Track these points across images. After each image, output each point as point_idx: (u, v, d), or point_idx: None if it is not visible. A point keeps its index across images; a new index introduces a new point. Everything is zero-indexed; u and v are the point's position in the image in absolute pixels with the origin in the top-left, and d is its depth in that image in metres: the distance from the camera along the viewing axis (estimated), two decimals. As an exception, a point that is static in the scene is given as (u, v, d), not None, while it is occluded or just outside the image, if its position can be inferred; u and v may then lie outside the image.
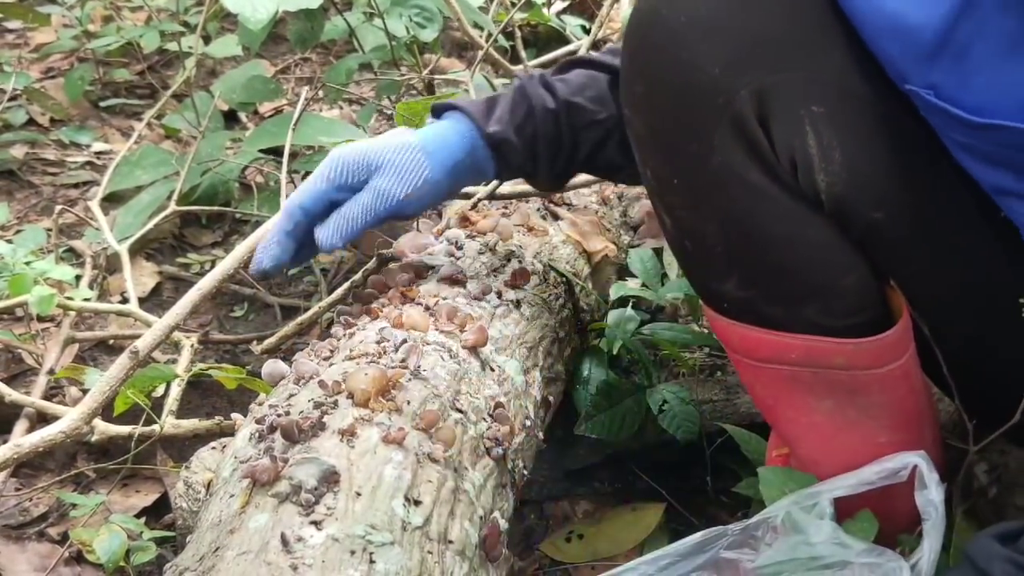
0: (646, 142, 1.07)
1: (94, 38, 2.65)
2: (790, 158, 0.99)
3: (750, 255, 1.04)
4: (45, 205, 2.26)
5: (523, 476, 1.16)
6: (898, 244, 1.03)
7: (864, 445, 1.10)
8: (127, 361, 1.32)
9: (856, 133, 0.98)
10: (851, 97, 0.98)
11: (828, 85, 0.97)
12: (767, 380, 1.12)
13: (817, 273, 1.04)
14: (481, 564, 0.97)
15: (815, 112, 0.97)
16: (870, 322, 1.06)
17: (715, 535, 1.03)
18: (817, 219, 1.02)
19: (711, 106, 0.98)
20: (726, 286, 1.08)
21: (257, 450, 0.96)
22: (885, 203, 1.00)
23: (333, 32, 2.37)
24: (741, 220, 1.02)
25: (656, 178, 1.08)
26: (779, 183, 1.00)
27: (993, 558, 0.86)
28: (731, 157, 0.99)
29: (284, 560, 0.81)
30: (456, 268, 1.28)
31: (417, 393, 1.04)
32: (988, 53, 0.84)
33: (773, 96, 0.97)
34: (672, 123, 1.02)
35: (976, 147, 0.89)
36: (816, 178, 0.99)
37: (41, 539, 1.41)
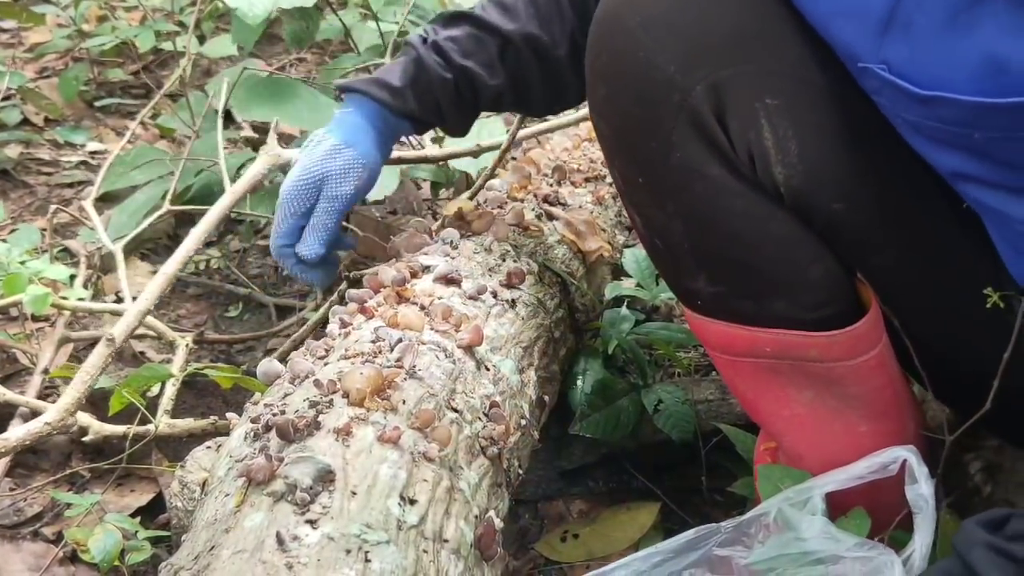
0: (611, 143, 1.09)
1: (89, 38, 2.66)
2: (748, 152, 1.00)
3: (716, 250, 1.06)
4: (40, 205, 2.26)
5: (518, 475, 1.16)
6: (860, 235, 1.04)
7: (846, 435, 1.11)
8: (104, 349, 1.32)
9: (812, 125, 0.99)
10: (805, 89, 0.99)
11: (781, 77, 0.98)
12: (746, 374, 1.13)
13: (782, 266, 1.05)
14: (476, 563, 0.97)
15: (769, 104, 0.98)
16: (840, 314, 1.07)
17: (707, 532, 1.03)
18: (779, 212, 1.02)
19: (668, 104, 0.99)
20: (697, 283, 1.09)
21: (252, 449, 0.96)
22: (844, 194, 1.01)
23: (328, 31, 2.38)
24: (704, 215, 1.04)
25: (623, 178, 1.10)
26: (739, 177, 1.01)
27: (974, 545, 0.86)
28: (690, 153, 1.01)
29: (279, 559, 0.81)
30: (451, 267, 1.28)
31: (412, 392, 1.04)
32: (929, 26, 0.84)
33: (727, 90, 0.98)
34: (633, 123, 1.03)
35: (926, 126, 0.89)
36: (773, 171, 1.00)
37: (36, 539, 1.41)
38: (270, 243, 1.37)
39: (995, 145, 0.84)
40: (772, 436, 1.19)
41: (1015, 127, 0.81)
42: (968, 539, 0.87)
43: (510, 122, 2.16)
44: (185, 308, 1.97)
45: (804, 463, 1.13)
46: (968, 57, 0.81)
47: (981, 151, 0.86)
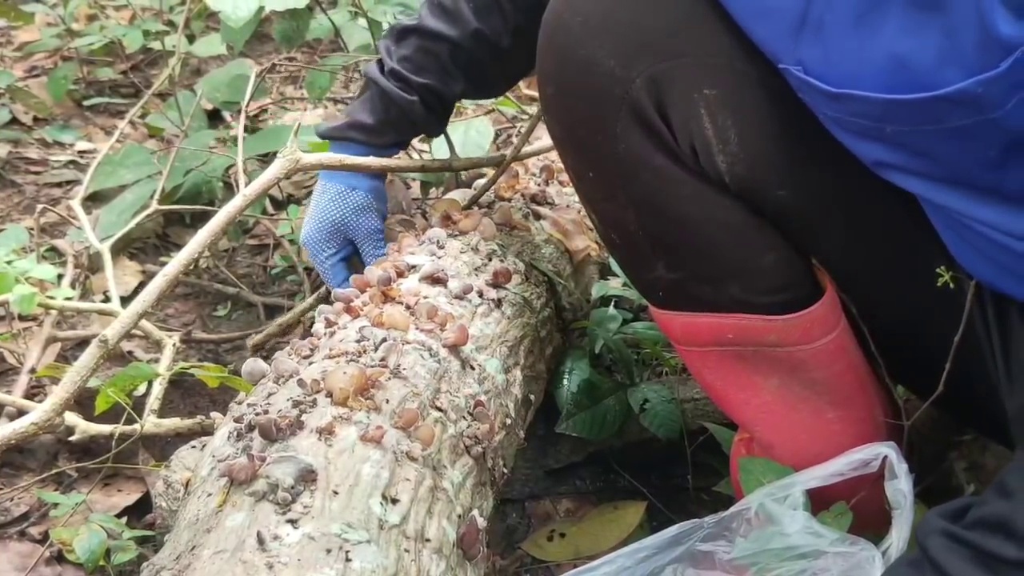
0: (561, 141, 1.12)
1: (78, 37, 2.65)
2: (690, 142, 1.02)
3: (669, 237, 1.08)
4: (28, 204, 2.25)
5: (503, 474, 1.16)
6: (807, 221, 1.06)
7: (815, 422, 1.13)
8: (96, 350, 1.31)
9: (750, 113, 1.01)
10: (743, 78, 1.01)
11: (718, 68, 1.01)
12: (713, 365, 1.15)
13: (734, 252, 1.07)
14: (459, 562, 0.97)
15: (708, 95, 1.00)
16: (798, 299, 1.08)
17: (691, 528, 1.04)
18: (726, 200, 1.05)
19: (610, 98, 1.02)
20: (656, 272, 1.11)
21: (235, 449, 0.96)
22: (787, 180, 1.03)
23: (318, 31, 2.37)
24: (653, 203, 1.06)
25: (575, 174, 1.13)
26: (683, 167, 1.04)
27: (931, 533, 0.88)
28: (634, 144, 1.03)
29: (260, 559, 0.81)
30: (437, 267, 1.28)
31: (396, 392, 1.04)
32: (838, 26, 0.86)
33: (666, 82, 1.01)
34: (580, 119, 1.07)
35: (844, 121, 0.90)
36: (716, 160, 1.02)
37: (22, 538, 1.41)
38: (332, 288, 1.47)
39: (908, 137, 0.86)
40: (744, 427, 1.20)
41: (920, 121, 0.83)
42: (927, 528, 0.89)
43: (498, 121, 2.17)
44: (173, 307, 1.97)
45: (775, 452, 1.14)
46: (874, 55, 0.84)
47: (897, 143, 0.88)
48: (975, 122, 0.80)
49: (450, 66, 1.39)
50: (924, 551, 0.88)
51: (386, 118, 1.40)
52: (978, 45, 0.76)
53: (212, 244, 1.45)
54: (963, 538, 0.86)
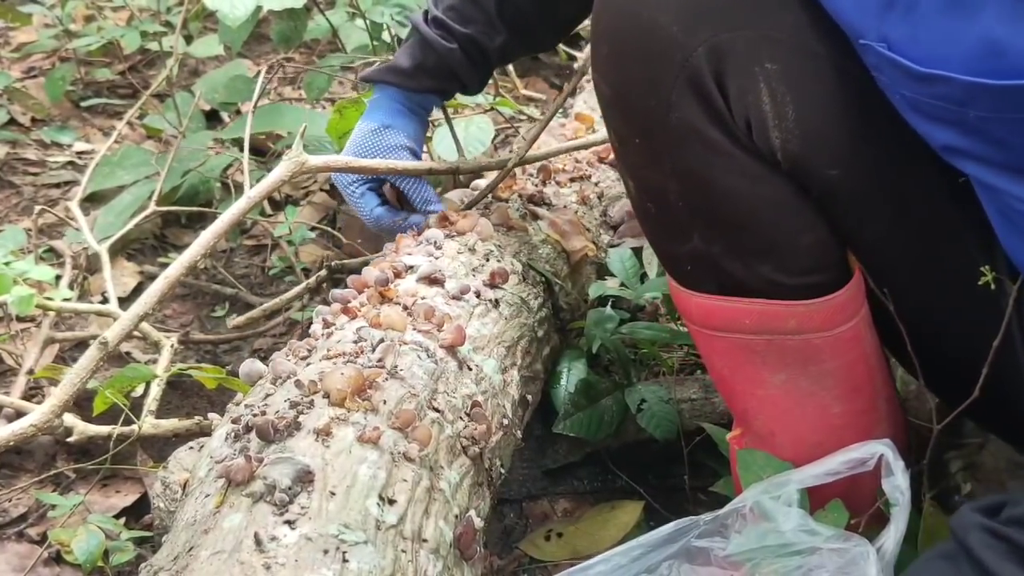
0: (610, 102, 1.09)
1: (75, 38, 2.65)
2: (745, 116, 1.01)
3: (709, 210, 1.06)
4: (26, 205, 2.25)
5: (500, 475, 1.16)
6: (854, 203, 1.05)
7: (818, 416, 1.12)
8: (96, 352, 1.31)
9: (810, 91, 1.00)
10: (805, 55, 0.99)
11: (781, 43, 0.99)
12: (723, 351, 1.14)
13: (773, 230, 1.05)
14: (456, 563, 0.97)
15: (769, 69, 0.98)
16: (824, 284, 1.07)
17: (686, 525, 1.04)
18: (774, 177, 1.03)
19: (669, 63, 1.00)
20: (687, 246, 1.10)
21: (232, 450, 0.97)
22: (840, 161, 1.02)
23: (316, 31, 2.37)
24: (699, 175, 1.04)
25: (619, 138, 1.10)
26: (735, 140, 1.02)
27: (970, 528, 0.87)
28: (688, 113, 1.01)
29: (257, 559, 0.81)
30: (435, 267, 1.29)
31: (393, 392, 1.04)
32: (933, 4, 0.85)
33: (728, 53, 0.99)
34: (633, 82, 1.04)
35: (922, 103, 0.89)
36: (771, 135, 1.01)
37: (20, 539, 1.41)
38: (368, 219, 1.52)
39: (987, 124, 0.85)
40: (742, 415, 1.20)
41: (1007, 108, 0.82)
42: (965, 523, 0.88)
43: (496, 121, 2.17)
44: (171, 308, 1.97)
45: (776, 441, 1.14)
46: (967, 39, 0.82)
47: (974, 129, 0.87)
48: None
49: (495, 19, 1.42)
50: (963, 545, 0.87)
51: (423, 63, 1.44)
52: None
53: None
54: (1002, 534, 0.86)
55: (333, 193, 2.26)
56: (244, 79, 2.28)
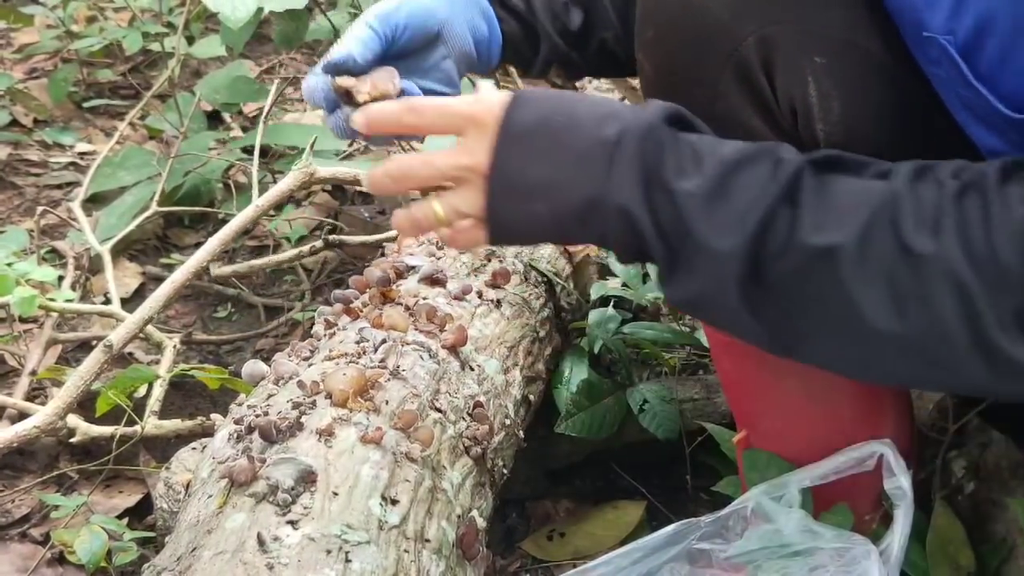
0: (654, 85, 1.08)
1: (77, 39, 2.65)
2: (791, 107, 1.00)
3: None
4: (28, 206, 2.25)
5: (503, 475, 1.16)
6: None
7: (829, 419, 1.12)
8: (100, 355, 1.32)
9: (857, 86, 0.99)
10: (855, 50, 0.99)
11: (831, 38, 0.98)
12: (736, 353, 1.14)
13: None
14: (458, 563, 0.97)
15: (817, 63, 0.98)
16: None
17: (687, 527, 1.04)
18: None
19: (718, 52, 0.99)
20: None
21: (235, 450, 0.97)
22: (882, 156, 1.01)
23: (318, 32, 2.37)
24: None
25: None
26: (779, 131, 1.01)
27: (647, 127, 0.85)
28: (735, 103, 1.01)
29: (260, 560, 0.81)
30: (436, 268, 1.29)
31: (396, 393, 1.04)
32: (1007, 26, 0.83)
33: (777, 44, 0.98)
34: (679, 67, 1.03)
35: (976, 105, 0.89)
36: (815, 128, 1.00)
37: (23, 540, 1.41)
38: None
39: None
40: (750, 417, 1.19)
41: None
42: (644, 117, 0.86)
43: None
44: (174, 309, 1.97)
45: (784, 442, 1.14)
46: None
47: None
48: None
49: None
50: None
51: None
52: None
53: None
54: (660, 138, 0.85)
55: (335, 193, 2.27)
56: (246, 80, 2.28)
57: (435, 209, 0.89)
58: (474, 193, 0.87)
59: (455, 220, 0.88)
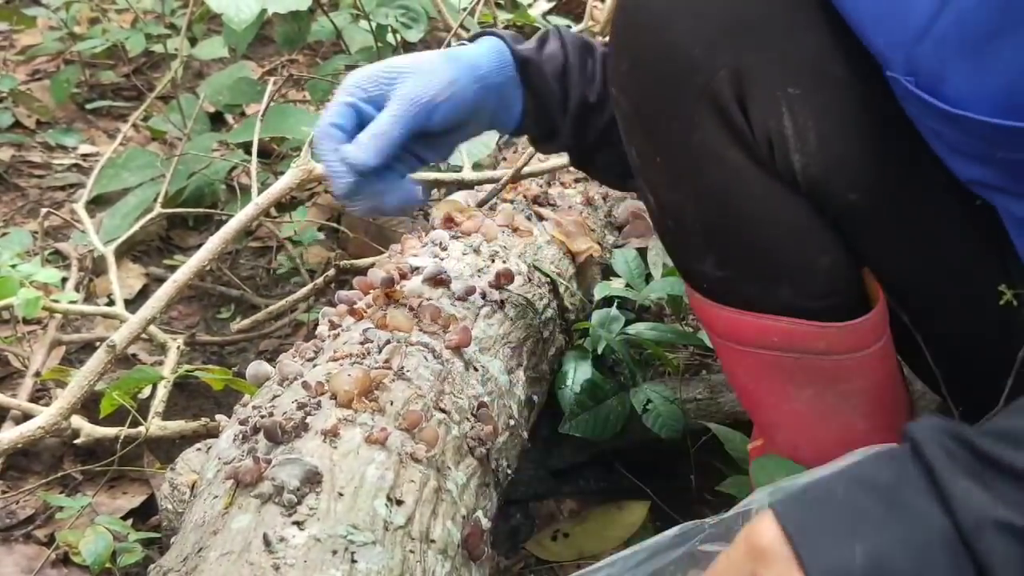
0: (631, 120, 1.08)
1: (80, 40, 2.65)
2: (767, 138, 1.00)
3: (726, 233, 1.06)
4: (31, 208, 2.26)
5: (507, 475, 1.16)
6: (873, 227, 1.05)
7: (843, 432, 1.12)
8: (104, 355, 1.32)
9: (831, 115, 0.99)
10: (828, 79, 0.99)
11: (804, 67, 0.98)
12: (749, 366, 1.13)
13: (791, 253, 1.05)
14: (464, 563, 0.97)
15: (791, 93, 0.98)
16: (844, 306, 1.07)
17: (692, 529, 1.03)
18: (793, 199, 1.03)
19: (691, 85, 0.99)
20: (705, 265, 1.09)
21: (240, 451, 0.97)
22: (860, 185, 1.01)
23: (320, 33, 2.38)
24: (718, 198, 1.04)
25: (640, 156, 1.09)
26: (756, 162, 1.02)
27: (929, 428, 0.73)
28: (710, 136, 1.01)
29: (266, 560, 0.81)
30: (440, 269, 1.29)
31: (400, 393, 1.04)
32: (965, 43, 0.84)
33: (750, 76, 0.98)
34: (655, 101, 1.03)
35: (948, 136, 0.89)
36: (792, 158, 1.00)
37: (28, 541, 1.41)
38: (318, 125, 1.14)
39: (1012, 164, 0.85)
40: (765, 429, 1.20)
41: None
42: (924, 423, 0.75)
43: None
44: (178, 310, 1.97)
45: (799, 455, 1.14)
46: (997, 80, 0.82)
47: (1002, 166, 0.87)
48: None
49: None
50: (912, 442, 0.73)
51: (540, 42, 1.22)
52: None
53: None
54: (963, 437, 0.72)
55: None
56: (248, 81, 2.28)
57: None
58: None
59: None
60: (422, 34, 2.22)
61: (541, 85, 1.21)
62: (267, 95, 1.72)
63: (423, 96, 1.11)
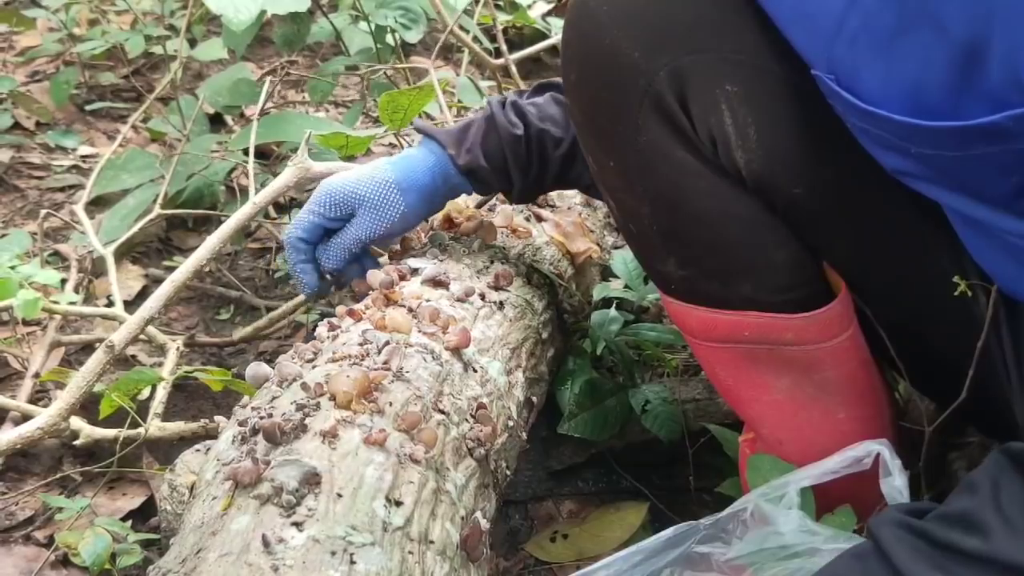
0: (583, 127, 1.12)
1: (79, 41, 2.65)
2: (710, 136, 1.03)
3: (682, 232, 1.08)
4: (31, 209, 2.26)
5: (506, 476, 1.17)
6: (820, 220, 1.07)
7: (824, 421, 1.13)
8: (103, 355, 1.32)
9: (771, 111, 1.01)
10: (765, 76, 1.01)
11: (742, 64, 1.01)
12: (725, 361, 1.15)
13: (747, 248, 1.07)
14: (462, 564, 0.97)
15: (729, 91, 1.00)
16: (807, 297, 1.09)
17: (687, 530, 1.04)
18: (743, 196, 1.05)
19: (634, 88, 1.02)
20: (668, 266, 1.11)
21: (239, 452, 0.97)
22: (803, 179, 1.03)
23: (319, 34, 2.38)
24: (670, 197, 1.06)
25: (595, 162, 1.12)
26: (703, 160, 1.04)
27: (885, 523, 0.84)
28: (655, 136, 1.03)
29: (265, 561, 0.82)
30: (439, 270, 1.29)
31: (399, 395, 1.04)
32: (871, 44, 0.86)
33: (689, 76, 1.01)
34: (602, 106, 1.06)
35: (871, 132, 0.91)
36: (734, 155, 1.02)
37: (27, 542, 1.41)
38: (287, 230, 1.37)
39: (930, 158, 0.87)
40: (751, 424, 1.21)
41: (945, 146, 0.84)
42: (881, 519, 0.86)
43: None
44: (177, 311, 1.97)
45: (784, 448, 1.15)
46: (902, 78, 0.84)
47: (919, 159, 0.88)
48: (1001, 150, 0.81)
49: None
50: (874, 539, 0.84)
51: (484, 142, 1.31)
52: (1008, 84, 0.76)
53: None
54: (919, 528, 0.82)
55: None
56: (248, 82, 2.28)
57: None
58: None
59: None
60: (421, 35, 2.22)
61: (489, 178, 1.33)
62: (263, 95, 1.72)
63: (377, 229, 1.32)
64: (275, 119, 2.06)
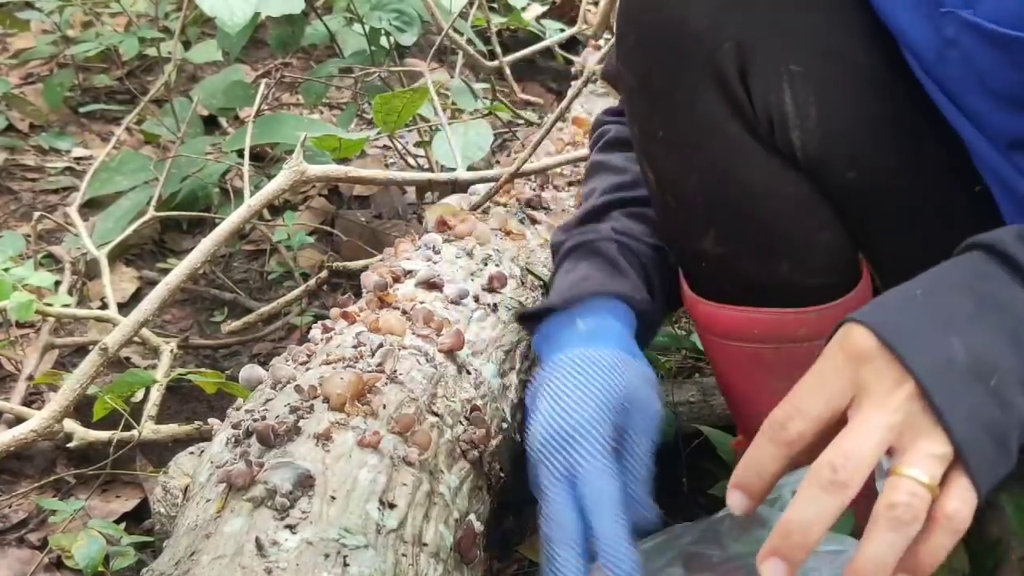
0: (635, 93, 1.09)
1: (73, 44, 2.65)
2: (767, 113, 1.01)
3: (729, 205, 1.06)
4: (24, 211, 2.26)
5: (500, 478, 1.17)
6: (869, 207, 1.05)
7: None
8: (96, 358, 1.32)
9: (833, 93, 1.00)
10: (832, 57, 1.00)
11: (808, 45, 0.99)
12: (730, 357, 1.15)
13: (792, 227, 1.06)
14: (456, 566, 0.97)
15: (793, 71, 0.99)
16: (838, 285, 1.08)
17: (681, 531, 1.04)
18: (793, 175, 1.04)
19: (696, 58, 1.00)
20: (705, 242, 1.09)
21: (233, 455, 0.97)
22: (859, 163, 1.02)
23: (314, 36, 2.38)
24: (720, 171, 1.04)
25: (642, 130, 1.10)
26: (757, 137, 1.03)
27: (998, 233, 0.77)
28: (712, 109, 1.02)
29: (259, 564, 0.81)
30: (433, 272, 1.29)
31: (393, 397, 1.05)
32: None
33: (753, 51, 0.99)
34: (659, 73, 1.04)
35: (1001, 79, 0.88)
36: (791, 135, 1.01)
37: (21, 545, 1.41)
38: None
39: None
40: (746, 422, 1.21)
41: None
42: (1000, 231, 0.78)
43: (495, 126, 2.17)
44: (171, 313, 1.97)
45: None
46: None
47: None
48: None
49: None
50: (979, 246, 0.78)
51: (619, 266, 1.15)
52: None
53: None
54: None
55: (331, 198, 2.27)
56: (242, 85, 2.29)
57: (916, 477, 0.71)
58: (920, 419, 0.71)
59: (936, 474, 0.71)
60: (415, 38, 2.23)
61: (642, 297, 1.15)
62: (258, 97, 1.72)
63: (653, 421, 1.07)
64: (269, 121, 2.06)
